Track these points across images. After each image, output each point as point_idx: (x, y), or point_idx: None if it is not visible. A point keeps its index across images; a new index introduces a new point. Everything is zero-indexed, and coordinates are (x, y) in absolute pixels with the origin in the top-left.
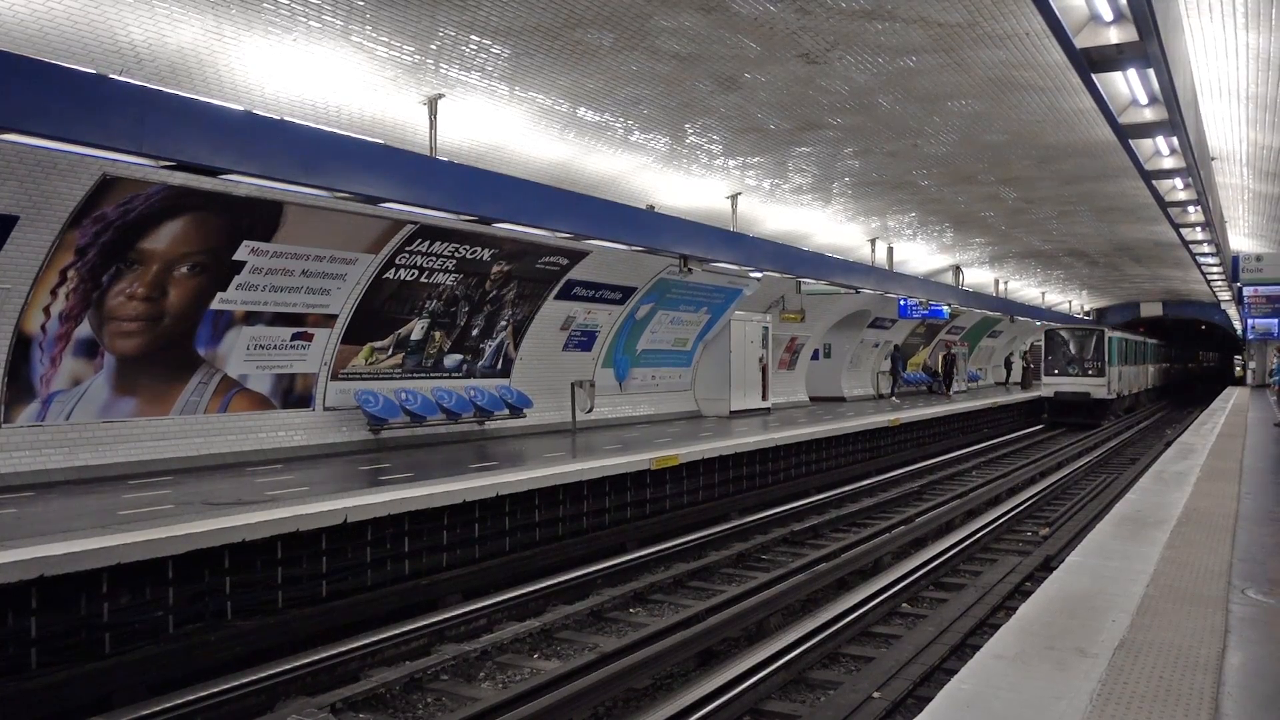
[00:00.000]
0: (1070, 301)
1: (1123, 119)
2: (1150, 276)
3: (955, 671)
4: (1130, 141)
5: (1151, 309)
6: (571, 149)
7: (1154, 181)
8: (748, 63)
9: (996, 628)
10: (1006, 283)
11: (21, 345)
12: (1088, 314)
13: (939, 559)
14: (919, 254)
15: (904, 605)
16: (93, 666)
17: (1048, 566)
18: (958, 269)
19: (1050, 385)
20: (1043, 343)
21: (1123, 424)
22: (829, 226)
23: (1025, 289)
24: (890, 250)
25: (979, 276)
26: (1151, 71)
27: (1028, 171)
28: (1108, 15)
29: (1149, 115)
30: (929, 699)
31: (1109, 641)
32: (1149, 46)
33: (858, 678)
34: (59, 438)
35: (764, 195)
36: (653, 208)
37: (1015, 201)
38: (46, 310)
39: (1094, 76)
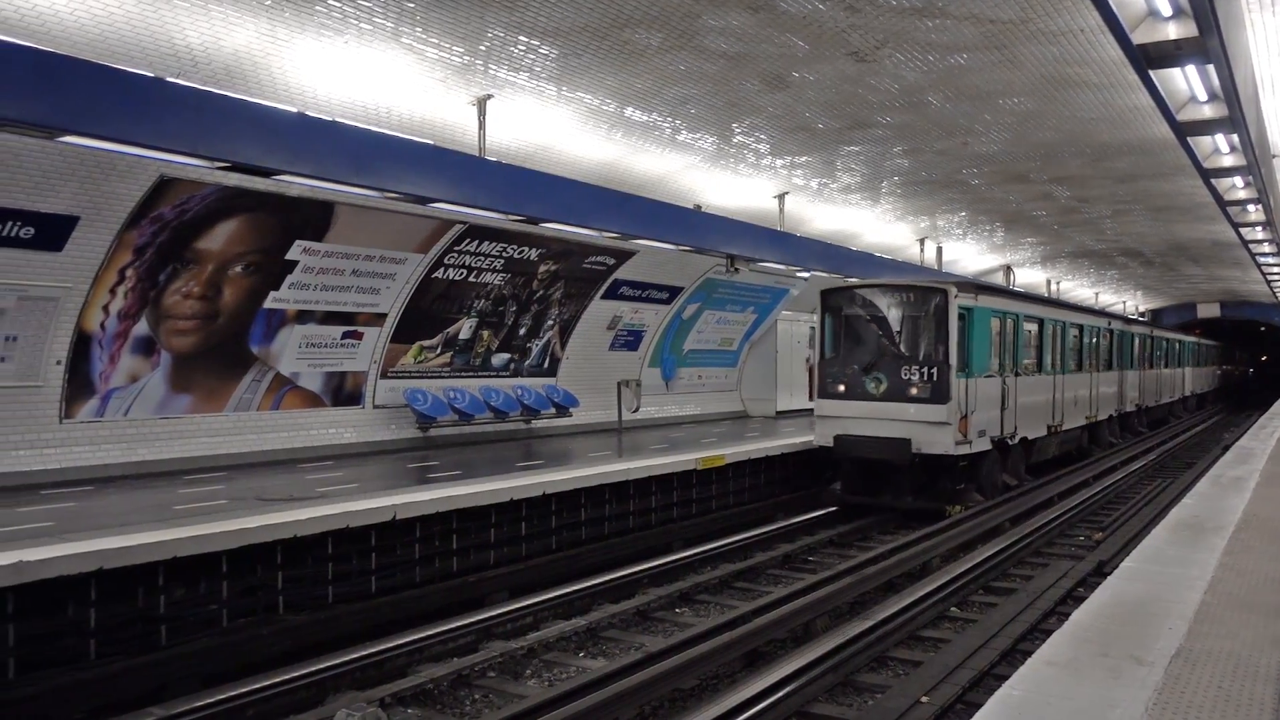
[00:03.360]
0: (1124, 302)
1: (1181, 116)
2: (1207, 277)
3: (1005, 677)
4: (1188, 139)
5: (1209, 310)
6: (619, 149)
7: (1213, 180)
8: (796, 61)
9: (1048, 633)
10: (1059, 283)
11: (82, 343)
12: (1143, 315)
13: (988, 563)
14: (968, 254)
15: (953, 609)
16: (149, 658)
17: (1101, 572)
18: (1008, 269)
19: (829, 418)
20: (819, 320)
21: (1181, 425)
22: (877, 226)
23: (1078, 289)
24: (939, 250)
25: (1031, 277)
26: (1211, 67)
27: (1081, 170)
28: (1166, 11)
29: (1208, 112)
30: (979, 705)
31: (1165, 649)
32: (1209, 42)
33: (906, 682)
34: (117, 433)
35: (811, 194)
36: (700, 207)
37: (1068, 200)
38: (105, 308)
39: (1151, 73)
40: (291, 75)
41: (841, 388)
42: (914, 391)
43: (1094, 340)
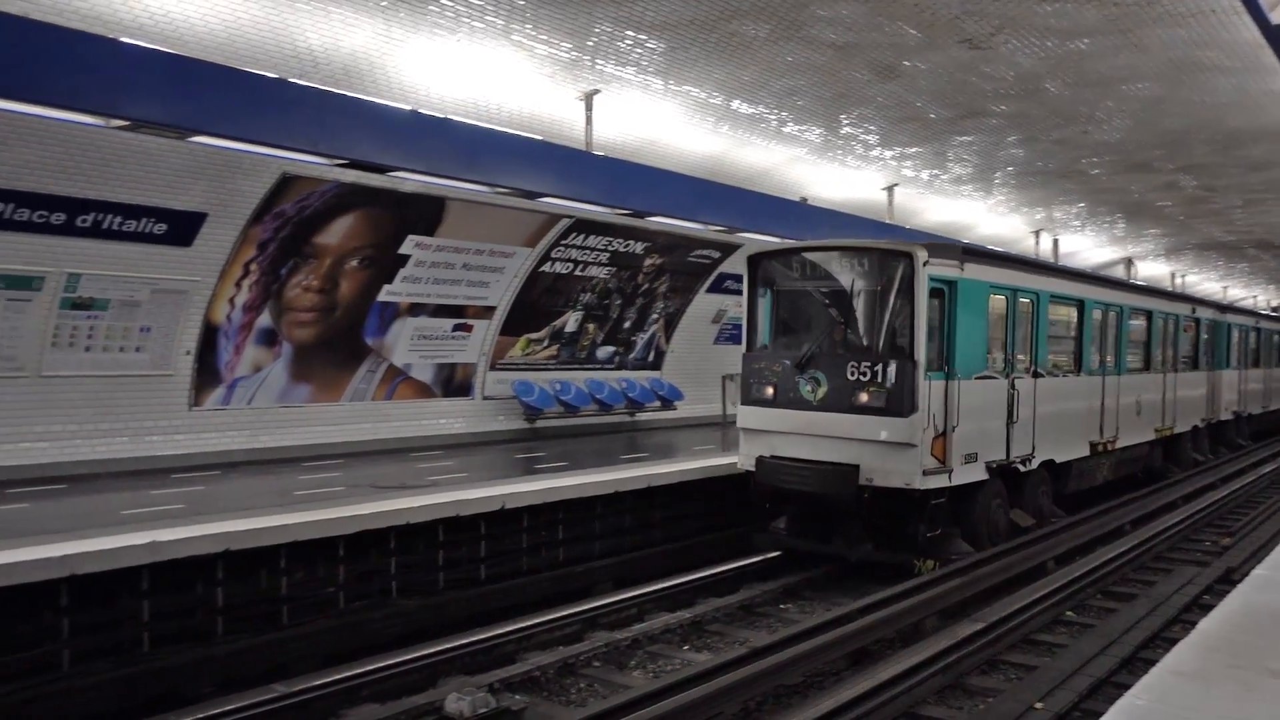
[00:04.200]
0: (1255, 296)
1: None
2: None
3: (1125, 686)
4: None
5: None
6: (725, 142)
7: None
8: (907, 50)
9: (1172, 642)
10: (1184, 276)
11: (209, 334)
12: (1276, 310)
13: (1107, 566)
14: (1086, 246)
15: (1069, 613)
16: (271, 636)
17: (1229, 579)
18: (1129, 261)
19: (753, 433)
20: (745, 297)
21: None
22: (990, 218)
23: (1205, 283)
24: (1055, 242)
25: (1153, 269)
26: None
27: (1210, 158)
28: None
29: None
30: (1098, 713)
31: None
32: None
33: (1019, 686)
34: (241, 421)
35: (922, 186)
36: (806, 200)
37: (1195, 190)
38: (231, 301)
39: None
40: (406, 74)
41: (769, 391)
42: (863, 399)
43: (1170, 331)
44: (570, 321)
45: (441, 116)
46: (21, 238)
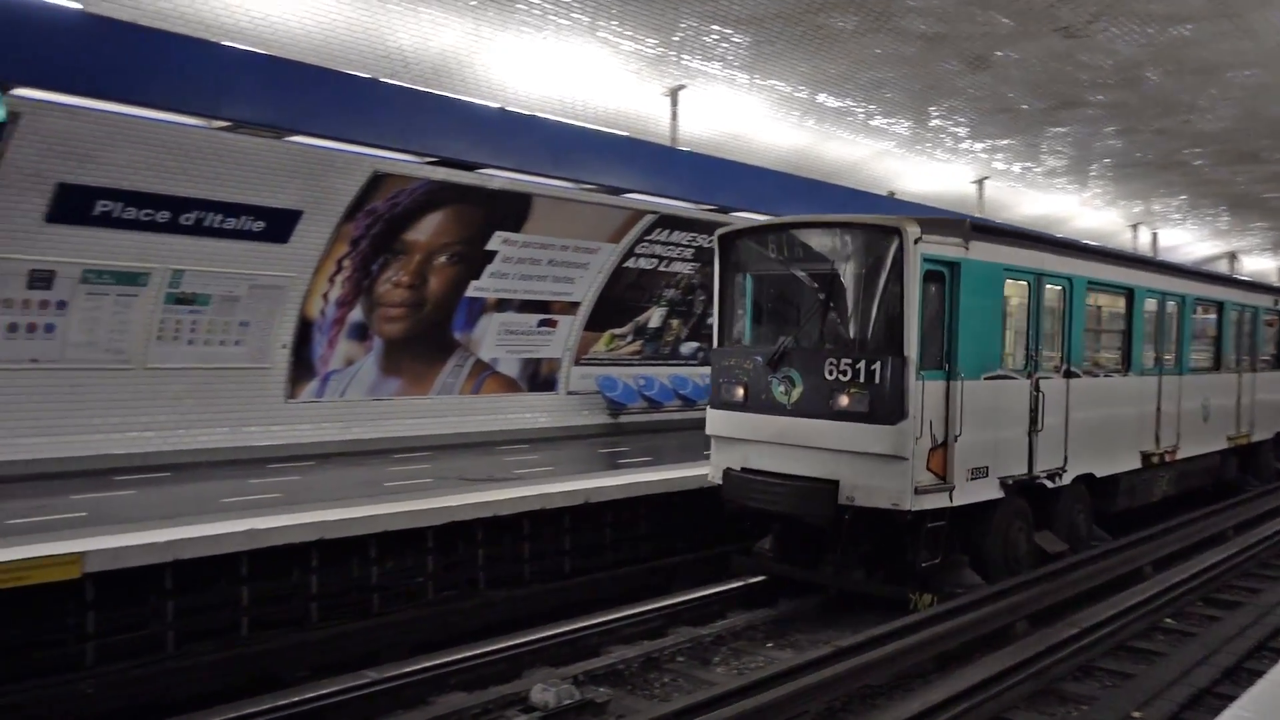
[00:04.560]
0: None
1: None
2: None
3: (1230, 698)
4: None
5: None
6: (810, 136)
7: None
8: (999, 40)
9: None
10: None
11: (304, 328)
12: None
13: (1208, 572)
14: (1187, 240)
15: (1167, 620)
16: (363, 624)
17: None
18: (1233, 256)
19: (724, 441)
20: (715, 282)
21: None
22: (1085, 211)
23: None
24: (1154, 236)
25: (1260, 264)
26: None
27: None
28: None
29: None
30: None
31: None
32: None
33: (1115, 694)
34: (334, 413)
35: (1013, 179)
36: (893, 195)
37: None
38: (325, 296)
39: None
40: (494, 72)
41: (739, 393)
42: (843, 402)
43: (1247, 325)
44: (654, 317)
45: (528, 114)
46: (129, 235)
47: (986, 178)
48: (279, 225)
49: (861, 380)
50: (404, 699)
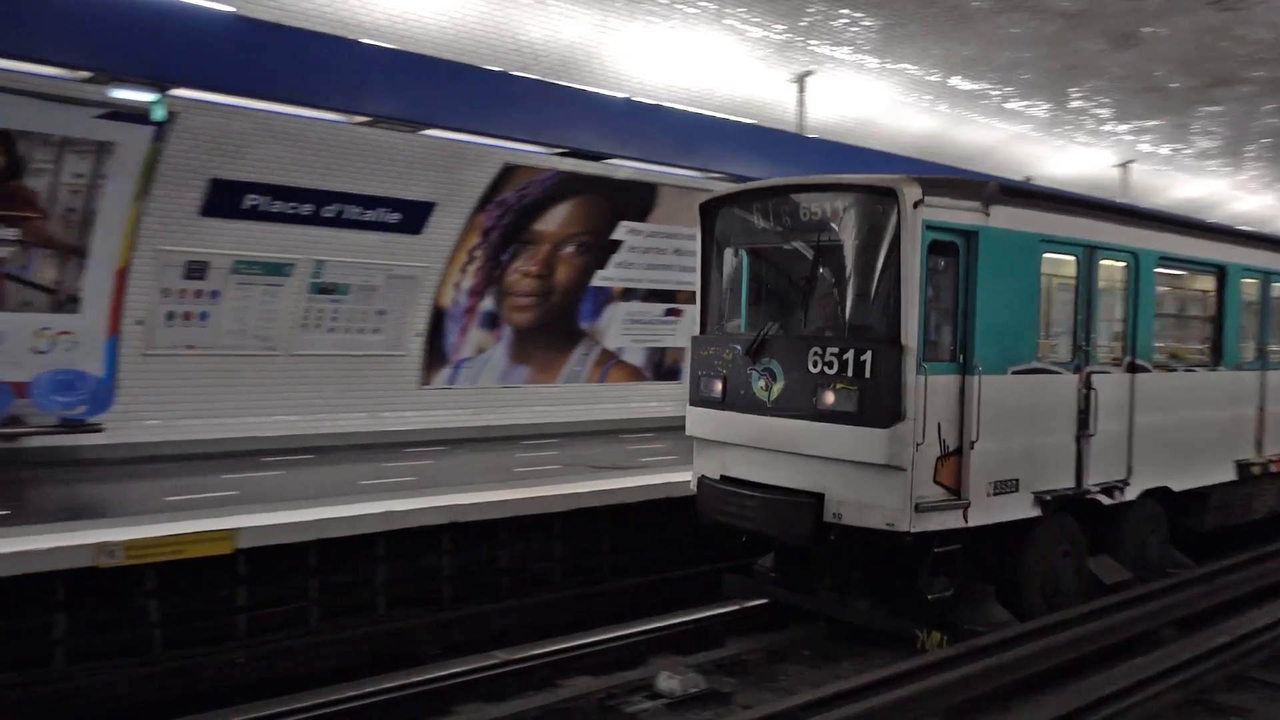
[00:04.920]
0: None
1: None
2: None
3: None
4: None
5: None
6: (941, 120)
7: None
8: (1147, 15)
9: None
10: None
11: (437, 317)
12: None
13: None
14: None
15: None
16: (493, 606)
17: None
18: None
19: (706, 446)
20: (699, 257)
21: None
22: (1239, 195)
23: None
24: None
25: None
26: None
27: None
28: None
29: None
30: None
31: None
32: None
33: (1273, 708)
34: (466, 399)
35: (1160, 162)
36: (1030, 180)
37: None
38: (457, 286)
39: None
40: (621, 63)
41: (717, 387)
42: (828, 400)
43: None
44: None
45: (654, 103)
46: (276, 228)
47: (1131, 161)
48: (414, 217)
49: (849, 374)
50: (533, 680)
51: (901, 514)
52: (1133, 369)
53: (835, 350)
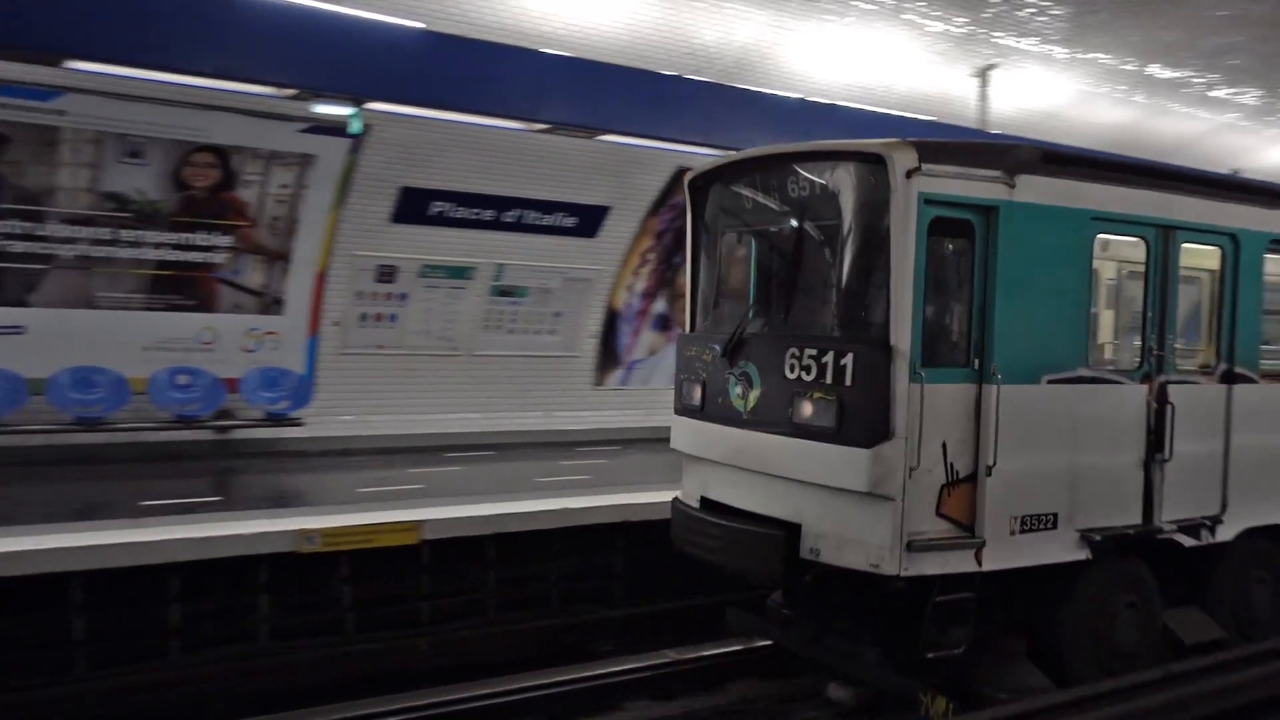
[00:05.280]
0: None
1: None
2: None
3: None
4: None
5: None
6: (1137, 111)
7: None
8: None
9: None
10: None
11: (610, 319)
12: None
13: None
14: None
15: None
16: (662, 606)
17: None
18: None
19: (691, 463)
20: (688, 240)
21: None
22: None
23: None
24: None
25: None
26: None
27: None
28: None
29: None
30: None
31: None
32: None
33: None
34: (638, 400)
35: None
36: (1238, 173)
37: None
38: (629, 288)
39: None
40: (795, 63)
41: (697, 394)
42: (805, 411)
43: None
44: None
45: (828, 103)
46: (459, 233)
47: None
48: (589, 221)
49: (829, 380)
50: (702, 680)
51: (888, 553)
52: (1230, 378)
53: (813, 352)
